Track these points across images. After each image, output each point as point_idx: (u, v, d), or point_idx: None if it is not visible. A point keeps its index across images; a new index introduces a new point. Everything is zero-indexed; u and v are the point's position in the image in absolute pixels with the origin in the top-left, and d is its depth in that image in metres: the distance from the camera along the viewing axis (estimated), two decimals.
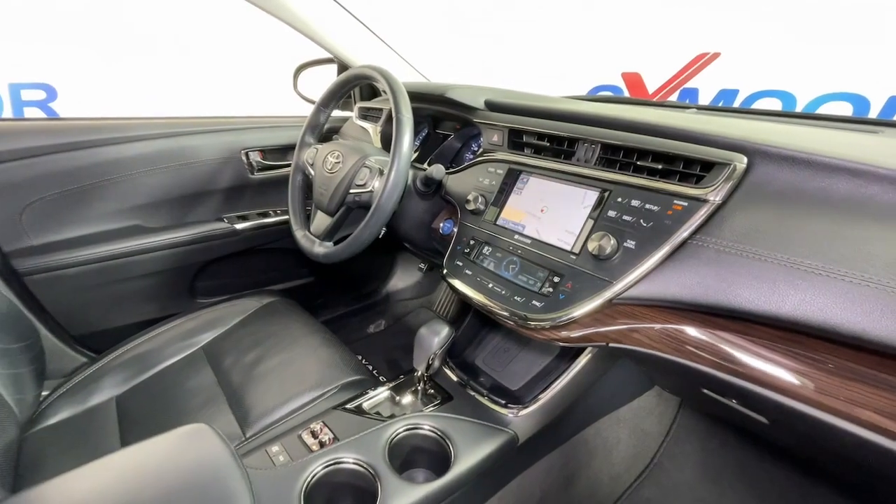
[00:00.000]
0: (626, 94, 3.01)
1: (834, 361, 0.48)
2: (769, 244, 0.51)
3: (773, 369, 0.51)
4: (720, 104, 2.72)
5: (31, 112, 2.90)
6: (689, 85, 2.88)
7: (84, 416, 0.87)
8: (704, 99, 2.82)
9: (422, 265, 1.56)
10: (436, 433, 0.67)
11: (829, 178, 0.52)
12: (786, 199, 0.54)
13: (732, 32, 2.57)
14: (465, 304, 0.96)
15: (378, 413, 0.73)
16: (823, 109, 2.46)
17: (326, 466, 0.59)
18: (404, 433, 0.66)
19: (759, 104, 2.65)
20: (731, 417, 0.87)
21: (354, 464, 0.61)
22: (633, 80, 3.04)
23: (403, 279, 1.69)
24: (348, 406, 0.73)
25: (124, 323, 1.14)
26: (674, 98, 2.90)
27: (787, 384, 0.51)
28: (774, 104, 2.60)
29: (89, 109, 2.87)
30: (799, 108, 2.51)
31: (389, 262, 1.68)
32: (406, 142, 0.78)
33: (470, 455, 0.65)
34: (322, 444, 0.63)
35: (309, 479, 0.57)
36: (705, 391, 0.67)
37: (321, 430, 0.66)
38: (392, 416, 0.71)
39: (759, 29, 2.48)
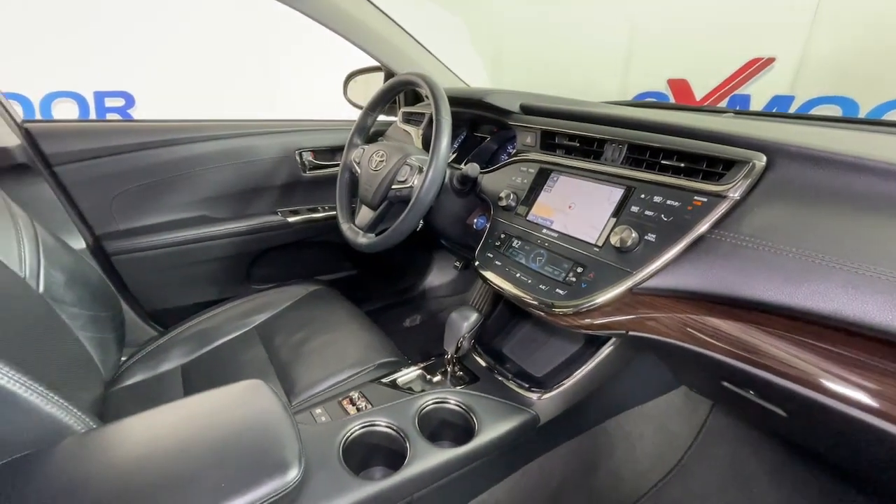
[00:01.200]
0: (672, 100, 2.96)
1: (846, 350, 0.50)
2: (785, 238, 0.53)
3: (787, 358, 0.53)
4: (774, 111, 2.62)
5: (111, 117, 3.21)
6: (740, 91, 2.79)
7: (154, 381, 0.99)
8: (756, 106, 2.73)
9: (457, 263, 1.62)
10: (461, 407, 0.73)
11: (846, 176, 0.53)
12: (803, 196, 0.56)
13: (787, 36, 2.47)
14: (496, 299, 1.02)
15: (410, 388, 0.79)
16: (889, 117, 2.32)
17: (362, 427, 0.66)
18: (433, 405, 0.72)
19: (818, 112, 2.53)
20: (763, 421, 0.87)
21: (387, 427, 0.67)
22: (679, 86, 2.98)
23: (440, 277, 1.76)
24: (383, 381, 0.80)
25: (189, 302, 1.27)
26: (723, 105, 2.82)
27: (800, 373, 0.53)
28: (834, 111, 2.48)
29: (160, 115, 3.16)
30: (862, 116, 2.38)
31: (427, 260, 1.75)
32: (444, 142, 0.85)
33: (492, 429, 0.70)
34: (359, 410, 0.71)
35: (347, 436, 0.65)
36: (725, 384, 0.68)
37: (358, 398, 0.74)
38: (423, 392, 0.78)
39: (815, 33, 2.38)
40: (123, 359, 1.05)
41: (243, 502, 0.46)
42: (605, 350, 0.78)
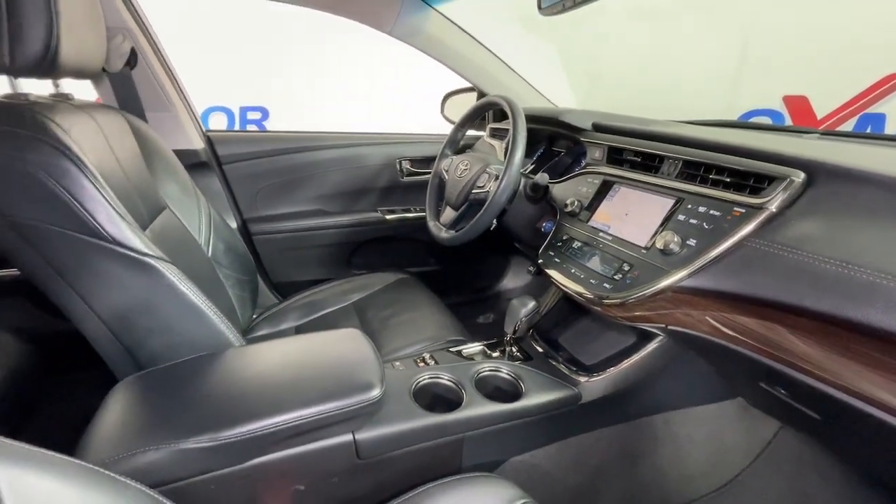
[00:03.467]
0: (788, 120, 2.75)
1: (867, 353, 0.54)
2: (816, 248, 0.58)
3: (809, 354, 0.58)
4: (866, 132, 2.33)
5: (250, 128, 3.85)
6: (872, 110, 2.52)
7: (275, 335, 1.25)
8: (892, 127, 2.44)
9: (531, 268, 1.73)
10: (511, 376, 0.86)
11: (882, 193, 0.57)
12: (841, 211, 0.60)
13: None
14: (557, 295, 1.12)
15: (472, 358, 0.94)
16: None
17: (430, 378, 0.82)
18: (488, 372, 0.86)
19: None
20: (830, 442, 0.86)
21: (449, 381, 0.82)
22: (797, 104, 2.76)
23: (514, 280, 1.88)
24: (451, 349, 0.96)
25: (303, 279, 1.55)
26: (849, 126, 2.57)
27: (824, 371, 0.57)
28: None
29: (287, 126, 3.75)
30: None
31: (504, 264, 1.88)
32: (518, 154, 0.99)
33: (536, 396, 0.81)
34: (428, 366, 0.87)
35: (417, 381, 0.81)
36: (762, 384, 0.73)
37: (429, 358, 0.90)
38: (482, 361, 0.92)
39: None
40: (254, 316, 1.34)
41: (339, 404, 0.64)
42: (651, 345, 0.86)
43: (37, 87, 0.78)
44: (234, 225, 1.39)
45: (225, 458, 0.60)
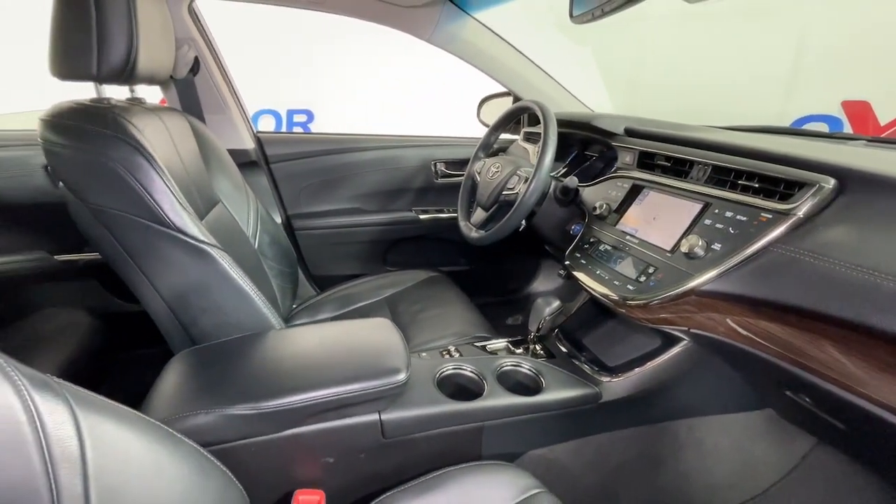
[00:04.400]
0: (847, 126, 2.61)
1: (891, 362, 0.54)
2: (843, 255, 0.58)
3: (832, 362, 0.58)
4: None
5: (296, 130, 4.04)
6: None
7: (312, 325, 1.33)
8: None
9: (561, 271, 1.74)
10: (532, 372, 0.88)
11: None
12: (870, 218, 0.60)
13: None
14: (583, 297, 1.13)
15: (495, 353, 0.97)
16: None
17: (453, 368, 0.86)
18: (510, 367, 0.89)
19: None
20: (863, 455, 0.84)
21: (471, 372, 0.86)
22: (857, 109, 2.61)
23: (545, 283, 1.89)
24: (476, 344, 1.00)
25: (339, 273, 1.63)
26: None
27: (847, 379, 0.57)
28: None
29: (330, 128, 3.93)
30: None
31: (535, 267, 1.90)
32: (547, 158, 1.01)
33: (555, 391, 0.84)
34: (452, 357, 0.91)
35: (441, 370, 0.85)
36: (787, 393, 0.72)
37: (454, 351, 0.94)
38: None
39: None
40: (294, 306, 1.43)
41: (366, 385, 0.70)
42: (675, 349, 0.86)
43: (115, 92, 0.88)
44: (278, 220, 1.49)
45: (264, 425, 0.67)
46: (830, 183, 0.64)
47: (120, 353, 1.37)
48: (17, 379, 0.37)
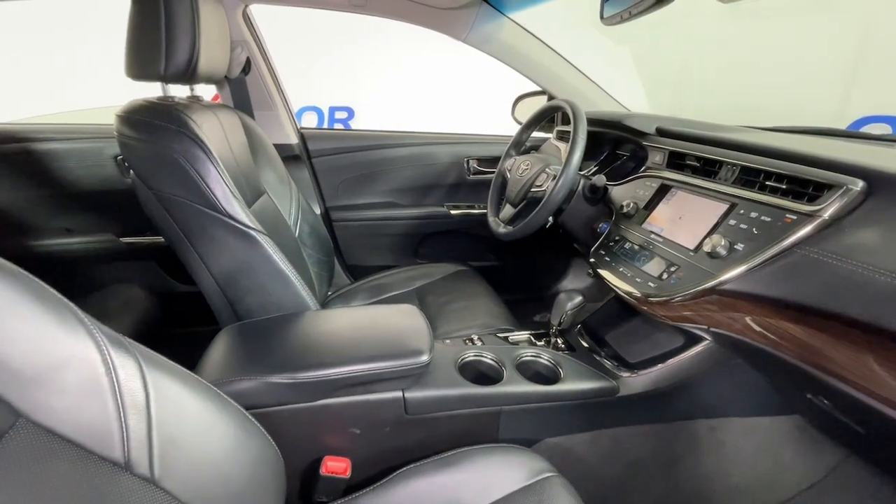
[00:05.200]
0: None
1: None
2: (868, 258, 0.58)
3: (850, 364, 0.58)
4: None
5: (337, 126, 4.19)
6: None
7: None
8: None
9: (590, 270, 1.74)
10: (551, 363, 0.91)
11: None
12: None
13: None
14: (607, 295, 1.15)
15: (517, 344, 1.01)
16: None
17: (474, 355, 0.90)
18: (530, 357, 0.92)
19: None
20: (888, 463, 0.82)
21: (492, 360, 0.90)
22: None
23: (574, 282, 1.89)
24: (498, 335, 1.04)
25: (372, 264, 1.71)
26: None
27: (865, 381, 0.57)
28: None
29: (370, 125, 4.05)
30: None
31: (565, 265, 1.91)
32: (576, 156, 1.03)
33: (574, 382, 0.86)
34: (474, 345, 0.96)
35: (463, 357, 0.90)
36: (808, 395, 0.72)
37: (477, 340, 0.98)
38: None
39: None
40: (329, 293, 1.51)
41: (391, 364, 0.75)
42: (697, 348, 0.87)
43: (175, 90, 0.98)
44: (318, 211, 1.57)
45: (299, 394, 0.74)
46: (858, 185, 0.63)
47: (172, 329, 1.50)
48: (98, 336, 0.44)
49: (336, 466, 0.75)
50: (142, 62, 0.85)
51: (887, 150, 0.82)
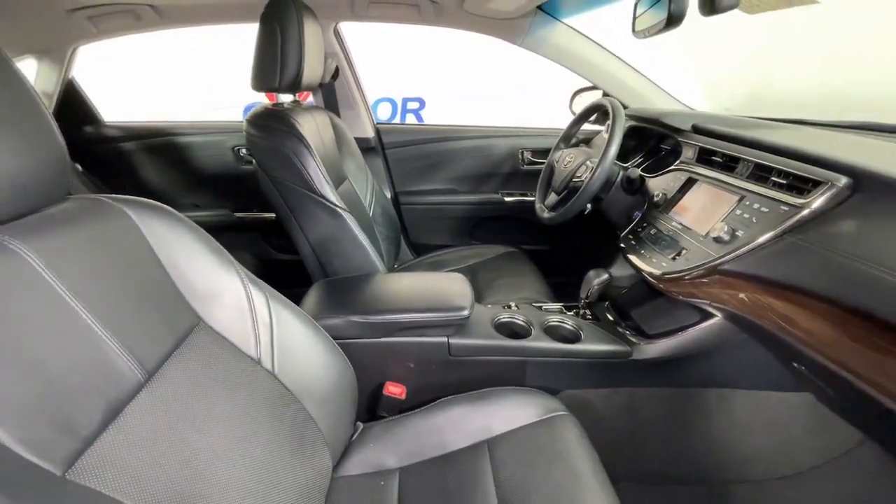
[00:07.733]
0: None
1: (870, 338, 0.63)
2: (847, 247, 0.67)
3: (823, 335, 0.68)
4: None
5: (409, 117, 4.48)
6: None
7: None
8: None
9: None
10: (574, 327, 1.07)
11: None
12: (877, 216, 0.67)
13: None
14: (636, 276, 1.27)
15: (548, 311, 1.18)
16: None
17: (508, 317, 1.09)
18: (556, 322, 1.09)
19: None
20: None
21: (523, 321, 1.08)
22: None
23: (619, 270, 1.98)
24: (534, 304, 1.21)
25: (432, 243, 1.93)
26: None
27: (833, 352, 0.67)
28: None
29: (440, 115, 4.30)
30: None
31: (612, 252, 2.00)
32: (612, 150, 1.16)
33: (592, 343, 1.02)
34: (510, 309, 1.15)
35: (499, 317, 1.09)
36: (794, 364, 0.82)
37: (513, 306, 1.17)
38: None
39: None
40: (395, 266, 1.76)
41: (439, 315, 0.97)
42: (707, 322, 0.98)
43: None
44: (388, 195, 1.83)
45: (371, 331, 0.98)
46: (842, 182, 0.72)
47: None
48: (243, 277, 0.70)
49: (395, 390, 0.99)
50: (263, 77, 1.12)
51: (888, 143, 0.86)
